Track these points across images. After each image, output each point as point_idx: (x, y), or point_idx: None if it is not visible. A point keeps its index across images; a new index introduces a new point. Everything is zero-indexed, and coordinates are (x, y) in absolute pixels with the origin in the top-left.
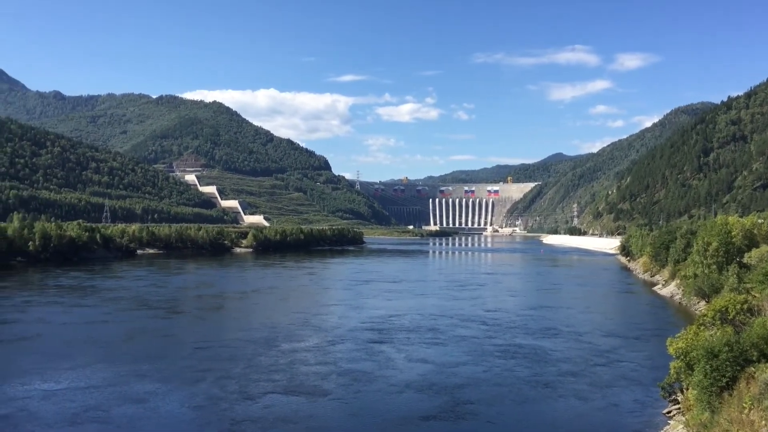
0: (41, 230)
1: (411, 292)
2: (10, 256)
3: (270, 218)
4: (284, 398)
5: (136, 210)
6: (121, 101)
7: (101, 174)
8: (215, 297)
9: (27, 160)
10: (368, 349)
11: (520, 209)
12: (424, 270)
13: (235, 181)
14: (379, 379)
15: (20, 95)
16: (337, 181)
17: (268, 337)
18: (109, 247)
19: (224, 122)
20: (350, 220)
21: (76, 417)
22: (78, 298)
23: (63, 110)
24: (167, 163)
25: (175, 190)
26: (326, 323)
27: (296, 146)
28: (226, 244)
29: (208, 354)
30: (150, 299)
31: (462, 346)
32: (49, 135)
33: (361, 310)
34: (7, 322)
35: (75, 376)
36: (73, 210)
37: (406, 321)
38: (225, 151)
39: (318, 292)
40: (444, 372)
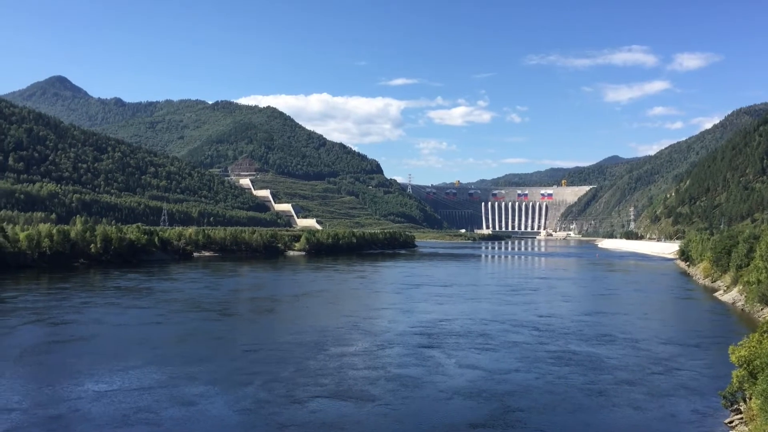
0: (102, 233)
1: (462, 296)
2: (73, 257)
3: (322, 222)
4: (331, 403)
5: (193, 213)
6: (179, 107)
7: (159, 178)
8: (266, 300)
9: (89, 165)
10: (417, 354)
11: (575, 213)
12: (476, 274)
13: (288, 185)
14: (427, 384)
15: (83, 102)
16: (388, 185)
17: (317, 340)
18: (166, 250)
19: (278, 127)
20: (402, 223)
21: (126, 418)
22: (134, 299)
23: (123, 116)
24: (222, 167)
25: (230, 194)
26: (375, 327)
27: (348, 150)
28: (279, 247)
29: (257, 357)
30: (203, 301)
31: (513, 352)
32: (110, 140)
33: (410, 314)
34: (65, 323)
35: (127, 377)
36: (132, 213)
37: (456, 326)
38: (278, 155)
39: (368, 296)
40: (494, 378)
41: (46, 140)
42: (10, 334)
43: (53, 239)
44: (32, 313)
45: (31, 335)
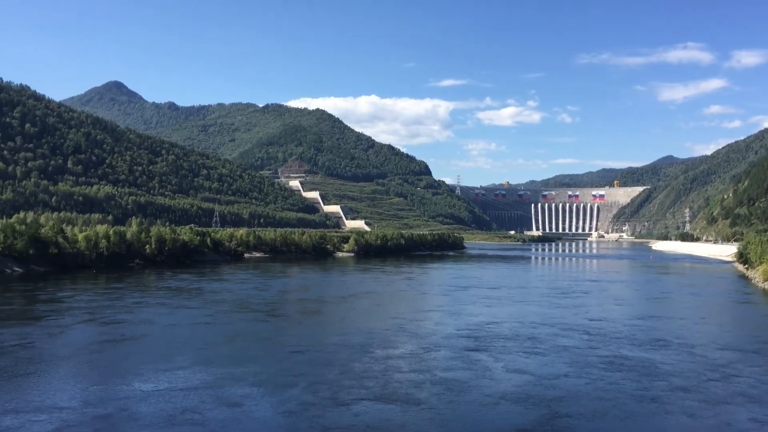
0: (157, 234)
1: (510, 298)
2: (129, 258)
3: (371, 223)
4: (376, 406)
5: (244, 215)
6: (230, 110)
7: (211, 180)
8: (314, 301)
9: (144, 168)
10: (464, 358)
11: (627, 214)
12: (525, 276)
13: (337, 187)
14: (473, 389)
15: (138, 106)
16: (437, 186)
17: (363, 342)
18: (218, 251)
19: (327, 129)
20: (450, 224)
21: (172, 418)
22: (183, 299)
23: (177, 120)
24: (272, 169)
25: (280, 196)
26: (422, 329)
27: (397, 152)
28: (328, 248)
29: (303, 358)
30: (251, 302)
31: (563, 356)
32: (164, 144)
33: (458, 316)
34: (116, 323)
35: (173, 377)
36: (185, 215)
37: (504, 329)
38: (327, 157)
39: (415, 298)
40: (542, 383)
41: (103, 144)
42: (63, 334)
43: (110, 240)
44: (85, 312)
45: (82, 334)
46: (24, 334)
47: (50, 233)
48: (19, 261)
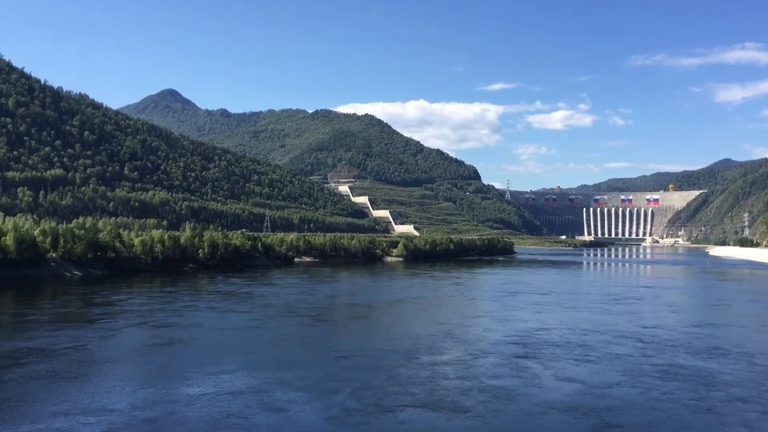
0: (209, 239)
1: (561, 304)
2: (183, 262)
3: (420, 228)
4: (421, 413)
5: (294, 220)
6: (281, 116)
7: (262, 186)
8: (361, 306)
9: (197, 174)
10: (512, 365)
11: (683, 219)
12: (576, 282)
13: (386, 192)
14: (521, 397)
15: (191, 114)
16: (486, 191)
17: (409, 348)
18: (269, 255)
19: (375, 134)
20: (500, 229)
21: (217, 423)
22: (233, 303)
23: (229, 126)
24: (322, 174)
25: (330, 201)
26: (469, 335)
27: (445, 156)
28: (377, 253)
29: (348, 363)
30: (299, 306)
31: (615, 364)
32: (216, 150)
33: (506, 322)
34: (167, 326)
35: (220, 381)
36: (237, 220)
37: (554, 335)
38: (376, 162)
39: (463, 303)
40: (593, 393)
41: (158, 150)
42: (115, 336)
43: (165, 245)
44: (138, 315)
45: (133, 337)
46: (77, 337)
47: (108, 238)
48: (79, 265)
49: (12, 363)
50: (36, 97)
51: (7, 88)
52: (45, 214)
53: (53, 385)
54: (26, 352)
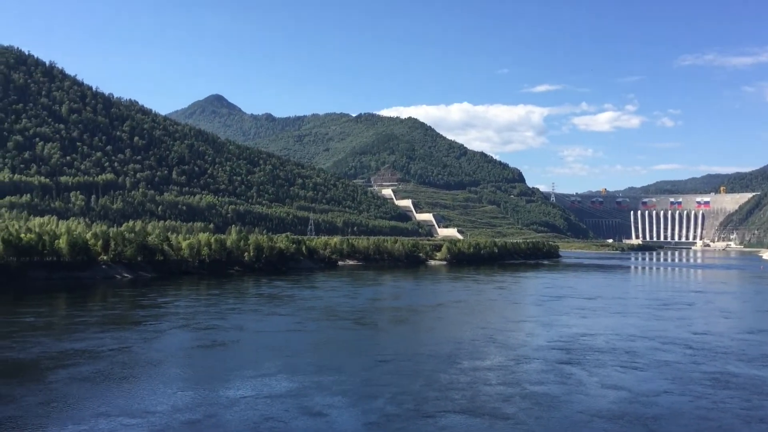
0: (255, 242)
1: (607, 309)
2: (229, 265)
3: (463, 231)
4: (462, 419)
5: (338, 223)
6: (324, 120)
7: (306, 189)
8: (403, 309)
9: (243, 178)
10: (556, 371)
11: (735, 222)
12: (624, 286)
13: (429, 195)
14: (565, 404)
15: (237, 118)
16: (531, 194)
17: (450, 352)
18: (313, 258)
19: (419, 137)
20: (545, 233)
21: (256, 426)
22: (275, 306)
23: (273, 131)
24: (365, 178)
25: (373, 204)
26: (512, 340)
27: (489, 159)
28: (420, 256)
29: (389, 368)
30: (341, 310)
31: (663, 372)
32: (261, 154)
33: (550, 327)
34: (209, 328)
35: (259, 385)
36: (281, 223)
37: (599, 341)
38: (420, 165)
39: (506, 307)
40: (640, 400)
41: (205, 155)
42: (158, 339)
43: (211, 248)
44: (182, 318)
45: (176, 340)
46: (123, 339)
47: (156, 241)
48: (129, 267)
49: (59, 364)
50: (88, 103)
51: (61, 95)
52: (96, 218)
53: (97, 386)
54: (73, 353)
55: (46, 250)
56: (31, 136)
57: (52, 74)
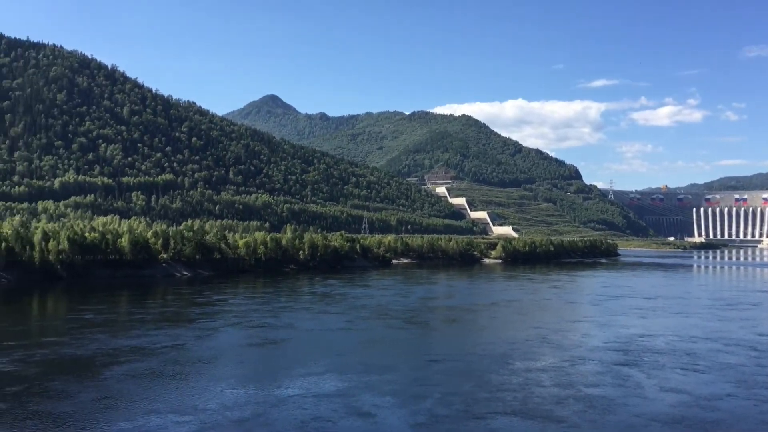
0: (309, 241)
1: (667, 309)
2: (284, 263)
3: (518, 229)
4: (513, 421)
5: (391, 221)
6: (378, 119)
7: (360, 188)
8: (455, 308)
9: (298, 177)
10: (612, 373)
11: None
12: (685, 286)
13: (483, 193)
14: (621, 407)
15: (292, 118)
16: (588, 191)
17: (503, 353)
18: (367, 257)
19: (473, 135)
20: (603, 231)
21: (303, 425)
22: (326, 305)
23: (327, 130)
24: (419, 176)
25: (427, 202)
26: (567, 341)
27: (545, 156)
28: (475, 254)
29: (439, 368)
30: (392, 309)
31: (726, 374)
32: (315, 153)
33: (607, 327)
34: (261, 326)
35: (308, 384)
36: (335, 222)
37: (659, 342)
38: (474, 163)
39: (561, 307)
40: (701, 404)
41: (261, 155)
42: (211, 336)
43: (267, 246)
44: (235, 315)
45: (228, 338)
46: (176, 336)
47: (214, 240)
48: (188, 266)
49: (113, 361)
50: (148, 105)
51: (122, 97)
52: (156, 217)
53: (149, 383)
54: (128, 350)
55: (109, 249)
56: (94, 138)
57: (114, 77)
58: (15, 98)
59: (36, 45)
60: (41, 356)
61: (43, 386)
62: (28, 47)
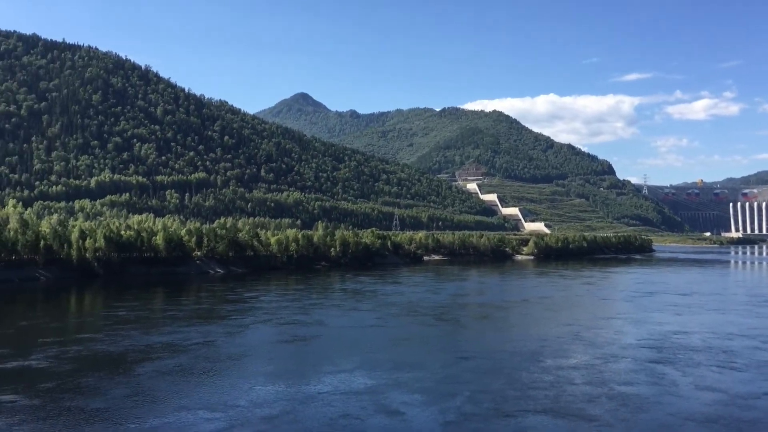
0: (341, 238)
1: (703, 306)
2: (316, 260)
3: (551, 225)
4: (543, 420)
5: (422, 218)
6: (408, 116)
7: (391, 185)
8: (486, 305)
9: (329, 174)
10: (646, 370)
11: None
12: (722, 282)
13: (515, 189)
14: (654, 406)
15: (322, 116)
16: (621, 186)
17: (533, 350)
18: (398, 253)
19: (504, 131)
20: (637, 226)
21: (332, 422)
22: (357, 302)
23: (358, 127)
24: (450, 172)
25: (458, 199)
26: (599, 338)
27: (577, 151)
28: (507, 251)
29: (468, 365)
30: (423, 305)
31: (764, 372)
32: (346, 150)
33: (641, 324)
34: (291, 323)
35: (337, 381)
36: (366, 219)
37: (694, 340)
38: (505, 159)
39: (594, 304)
40: (737, 403)
41: (292, 152)
42: (241, 333)
43: (299, 243)
44: (265, 312)
45: (258, 335)
46: (207, 333)
47: (246, 237)
48: (221, 263)
49: (145, 357)
50: (181, 105)
51: (156, 97)
52: (190, 215)
53: (180, 380)
54: (159, 347)
55: (144, 247)
56: (129, 137)
57: (148, 77)
58: (52, 99)
59: (72, 46)
60: (75, 353)
61: (76, 382)
62: (64, 49)
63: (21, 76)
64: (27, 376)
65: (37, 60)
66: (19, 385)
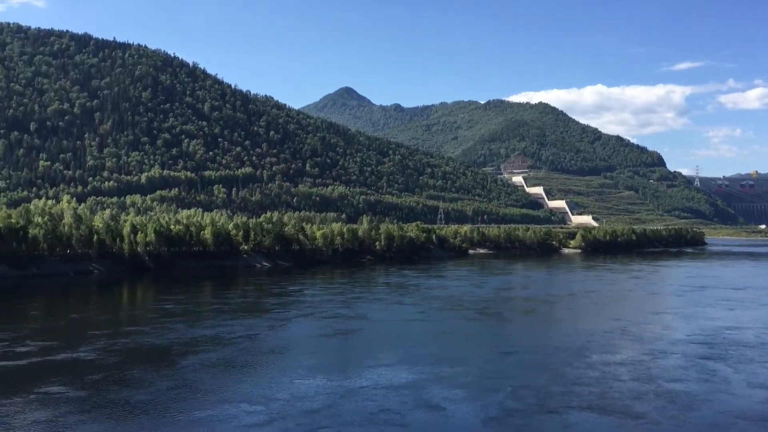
0: (386, 231)
1: (757, 301)
2: (361, 254)
3: (599, 218)
4: (588, 417)
5: (467, 211)
6: (452, 109)
7: (435, 178)
8: (531, 299)
9: (373, 168)
10: (695, 367)
11: None
12: None
13: (561, 181)
14: (704, 403)
15: (366, 110)
16: (672, 178)
17: (579, 345)
18: (443, 247)
19: (550, 122)
20: (688, 219)
21: (372, 417)
22: (399, 295)
23: (402, 121)
24: (495, 165)
25: (503, 192)
26: (647, 333)
27: (626, 143)
28: (553, 244)
29: (512, 360)
30: (466, 299)
31: None
32: (390, 144)
33: (691, 319)
34: (333, 317)
35: (378, 375)
36: (411, 212)
37: (747, 335)
38: (551, 151)
39: (643, 298)
40: None
41: (336, 147)
42: (284, 327)
43: (344, 237)
44: (308, 306)
45: (301, 328)
46: (251, 326)
47: (292, 231)
48: (267, 257)
49: (189, 351)
50: (227, 101)
51: (203, 93)
52: (237, 210)
53: (223, 373)
54: (203, 340)
55: (192, 241)
56: (177, 133)
57: (195, 74)
58: (103, 97)
59: (122, 45)
60: (122, 345)
61: (122, 375)
62: (114, 47)
63: (74, 74)
64: (75, 368)
65: (89, 59)
66: (66, 376)
